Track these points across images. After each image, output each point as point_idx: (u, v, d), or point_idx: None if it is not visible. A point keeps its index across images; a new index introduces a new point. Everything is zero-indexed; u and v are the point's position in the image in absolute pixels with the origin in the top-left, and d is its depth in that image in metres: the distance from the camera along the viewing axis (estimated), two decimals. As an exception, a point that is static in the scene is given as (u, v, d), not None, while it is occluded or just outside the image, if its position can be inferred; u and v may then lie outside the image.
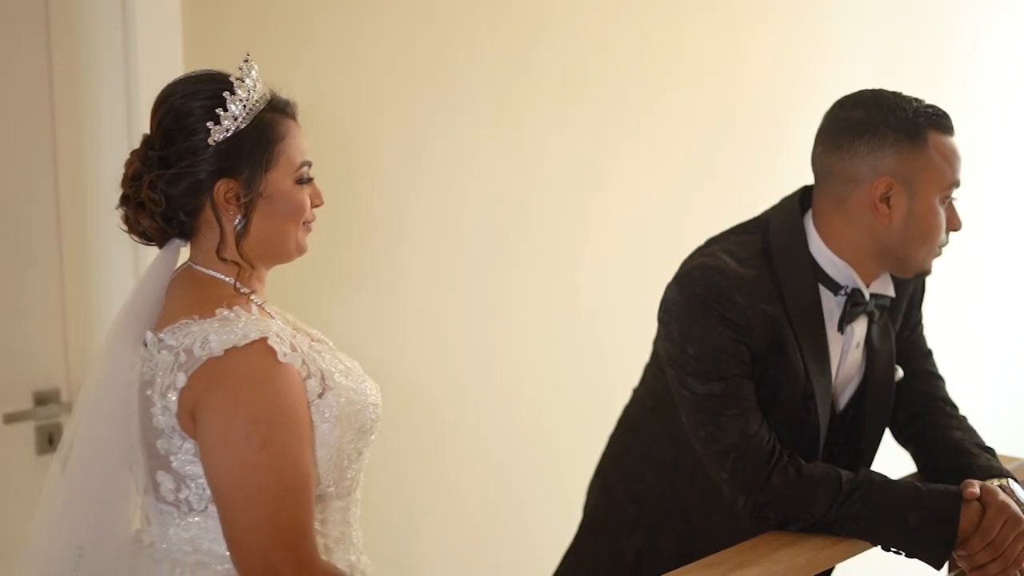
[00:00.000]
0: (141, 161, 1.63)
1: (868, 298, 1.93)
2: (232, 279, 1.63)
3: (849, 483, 1.81)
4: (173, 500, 1.61)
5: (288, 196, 1.64)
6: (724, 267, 1.85)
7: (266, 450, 1.52)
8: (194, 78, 1.65)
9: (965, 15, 4.19)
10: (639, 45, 3.14)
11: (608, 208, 3.12)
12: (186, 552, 1.62)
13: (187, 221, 1.62)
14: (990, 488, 1.83)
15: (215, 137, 1.59)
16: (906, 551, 1.81)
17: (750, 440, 1.82)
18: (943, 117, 1.88)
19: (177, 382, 1.54)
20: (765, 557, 1.74)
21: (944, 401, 2.10)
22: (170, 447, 1.58)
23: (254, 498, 1.51)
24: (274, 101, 1.66)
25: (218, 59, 2.33)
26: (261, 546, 1.51)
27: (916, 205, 1.87)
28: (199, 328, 1.56)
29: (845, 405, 2.02)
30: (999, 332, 4.70)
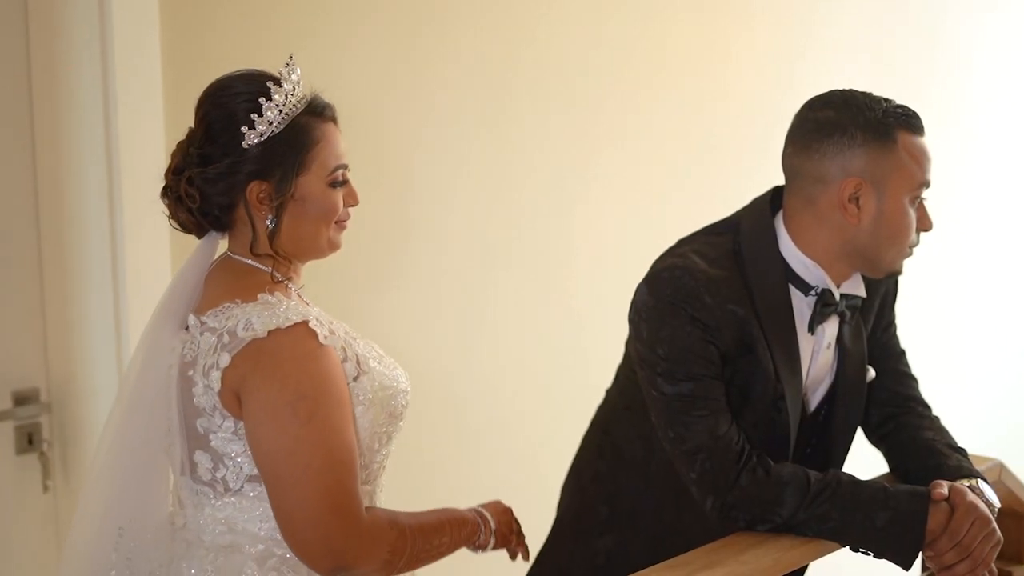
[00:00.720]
0: (183, 155, 1.69)
1: (838, 298, 1.92)
2: (269, 268, 1.68)
3: (817, 484, 1.81)
4: (210, 480, 1.66)
5: (319, 199, 1.68)
6: (693, 268, 1.85)
7: (312, 424, 1.57)
8: (237, 77, 1.69)
9: (953, 13, 4.19)
10: (625, 45, 3.14)
11: (594, 209, 3.12)
12: (220, 533, 1.66)
13: (222, 216, 1.68)
14: (959, 489, 1.83)
15: (249, 140, 1.64)
16: (874, 552, 1.81)
17: (719, 441, 1.82)
18: (913, 117, 1.88)
19: (220, 362, 1.59)
20: (732, 558, 1.74)
21: (917, 401, 2.10)
22: (210, 425, 1.63)
23: (303, 471, 1.57)
24: (313, 104, 1.70)
25: (196, 60, 2.36)
26: (313, 517, 1.57)
27: (885, 205, 1.86)
28: (241, 311, 1.61)
29: (816, 406, 2.01)
30: (999, 332, 4.70)
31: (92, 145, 2.31)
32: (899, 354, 2.13)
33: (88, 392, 2.38)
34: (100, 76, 2.29)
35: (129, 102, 2.29)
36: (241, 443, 1.63)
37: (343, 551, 1.59)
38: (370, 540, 1.61)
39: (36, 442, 2.36)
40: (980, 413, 4.60)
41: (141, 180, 2.30)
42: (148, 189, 2.29)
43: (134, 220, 2.31)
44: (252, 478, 1.64)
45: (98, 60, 2.28)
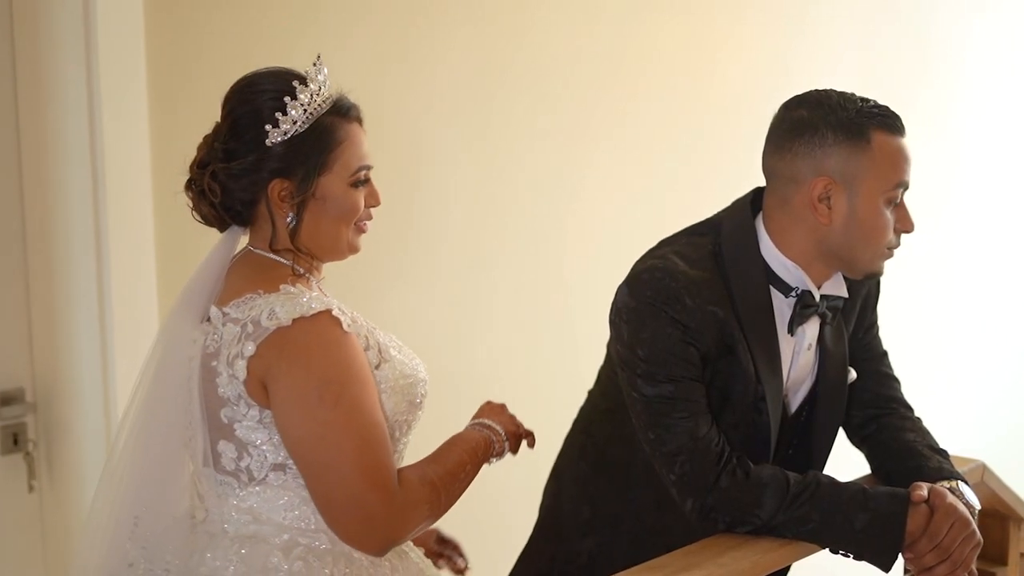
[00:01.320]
0: (208, 149, 1.70)
1: (819, 299, 1.92)
2: (290, 263, 1.69)
3: (797, 485, 1.81)
4: (233, 470, 1.67)
5: (340, 199, 1.70)
6: (674, 269, 1.85)
7: (339, 407, 1.59)
8: (264, 74, 1.70)
9: (944, 13, 4.18)
10: (616, 46, 3.14)
11: (586, 209, 3.12)
12: (245, 523, 1.67)
13: (244, 211, 1.70)
14: (938, 490, 1.83)
15: (273, 139, 1.65)
16: (854, 554, 1.81)
17: (698, 443, 1.82)
18: (890, 117, 1.86)
19: (245, 351, 1.61)
20: (710, 560, 1.74)
21: (899, 403, 2.09)
22: (234, 415, 1.64)
23: (335, 454, 1.59)
24: (338, 104, 1.70)
25: (182, 59, 2.36)
26: (351, 496, 1.60)
27: (857, 206, 1.85)
28: (264, 301, 1.63)
29: (798, 407, 2.01)
30: (991, 334, 4.70)
31: (77, 145, 2.31)
32: (881, 355, 2.12)
33: (73, 392, 2.38)
34: (84, 74, 2.28)
35: (113, 100, 2.29)
36: (266, 432, 1.64)
37: (387, 526, 1.62)
38: (411, 508, 1.64)
39: (21, 442, 2.36)
40: (977, 415, 4.61)
41: (126, 180, 2.31)
42: (133, 188, 2.31)
43: (118, 220, 2.30)
44: (276, 467, 1.66)
45: (83, 59, 2.28)
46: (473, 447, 1.79)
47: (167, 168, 2.34)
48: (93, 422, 2.35)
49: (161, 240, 2.36)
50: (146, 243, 2.35)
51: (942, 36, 4.19)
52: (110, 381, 2.33)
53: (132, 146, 2.31)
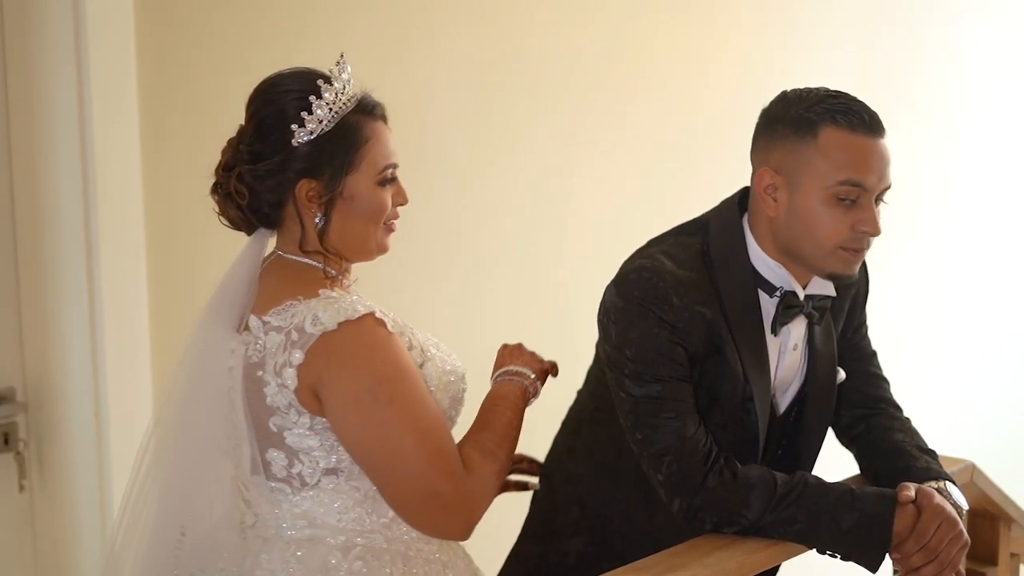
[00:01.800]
0: (233, 152, 1.69)
1: (803, 299, 1.91)
2: (321, 265, 1.69)
3: (784, 486, 1.81)
4: (285, 477, 1.67)
5: (368, 197, 1.69)
6: (661, 269, 1.85)
7: (394, 404, 1.60)
8: (288, 75, 1.70)
9: (939, 14, 4.18)
10: (614, 47, 3.15)
11: (584, 209, 3.13)
12: (300, 527, 1.68)
13: (271, 213, 1.69)
14: (926, 491, 1.82)
15: (299, 139, 1.65)
16: (841, 554, 1.81)
17: (686, 443, 1.82)
18: (850, 113, 1.81)
19: (293, 359, 1.60)
20: (696, 560, 1.74)
21: (887, 403, 2.09)
22: (284, 423, 1.64)
23: (398, 451, 1.60)
24: (363, 103, 1.70)
25: (172, 60, 2.36)
26: (422, 489, 1.61)
27: (796, 200, 1.83)
28: (306, 307, 1.62)
29: (787, 408, 2.01)
30: (988, 334, 4.70)
31: (67, 145, 2.31)
32: (870, 355, 2.12)
33: (64, 392, 2.38)
34: (75, 75, 2.28)
35: (104, 100, 2.28)
36: (317, 438, 1.64)
37: (464, 509, 1.63)
38: (481, 484, 1.65)
39: (12, 442, 2.36)
40: (976, 415, 4.61)
41: (116, 180, 2.31)
42: (123, 189, 2.31)
43: (109, 220, 2.30)
44: (328, 471, 1.66)
45: (72, 60, 2.28)
46: (514, 401, 1.80)
47: (158, 168, 2.36)
48: (84, 422, 2.35)
49: (152, 240, 2.36)
50: (137, 243, 2.35)
51: (936, 37, 4.19)
52: (101, 381, 2.33)
53: (123, 146, 2.31)
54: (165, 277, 2.39)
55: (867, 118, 1.82)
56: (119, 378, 2.34)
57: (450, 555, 1.78)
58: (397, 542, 1.70)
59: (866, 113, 1.82)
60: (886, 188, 1.85)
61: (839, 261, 1.85)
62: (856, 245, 1.84)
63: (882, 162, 1.82)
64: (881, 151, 1.82)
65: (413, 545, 1.72)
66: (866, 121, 1.81)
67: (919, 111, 4.15)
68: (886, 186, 1.84)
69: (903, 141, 4.09)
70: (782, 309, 1.89)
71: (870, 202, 1.83)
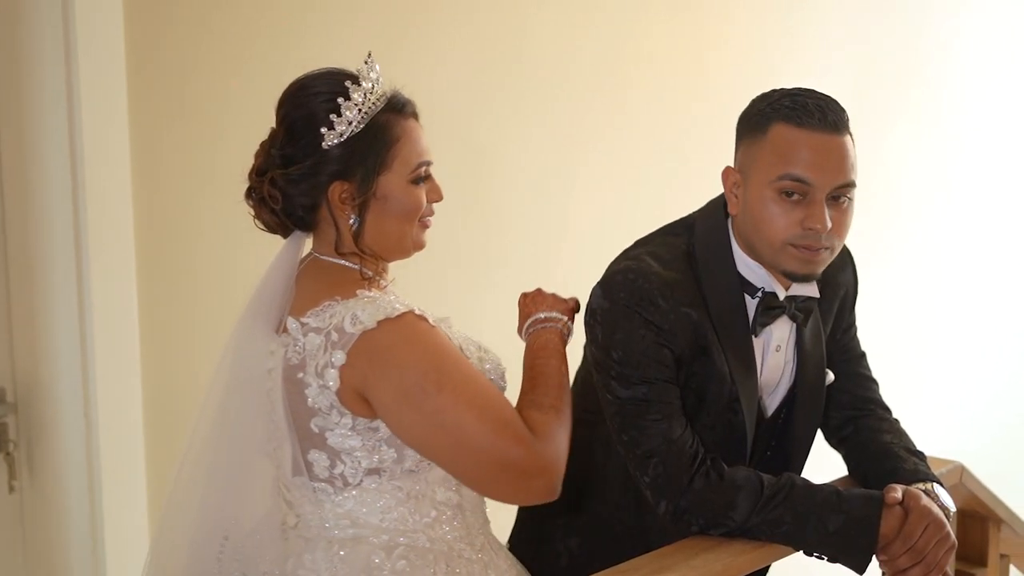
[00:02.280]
0: (265, 156, 1.69)
1: (782, 299, 1.90)
2: (358, 266, 1.68)
3: (771, 488, 1.80)
4: (327, 477, 1.66)
5: (402, 197, 1.69)
6: (647, 270, 1.85)
7: (444, 389, 1.59)
8: (316, 77, 1.69)
9: (935, 12, 4.17)
10: (611, 46, 3.15)
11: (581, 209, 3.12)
12: (343, 527, 1.67)
13: (306, 216, 1.69)
14: (913, 493, 1.82)
15: (329, 141, 1.64)
16: (828, 556, 1.81)
17: (672, 445, 1.82)
18: (800, 109, 1.80)
19: (335, 360, 1.60)
20: (683, 563, 1.74)
21: (876, 404, 2.09)
22: (326, 424, 1.63)
23: (460, 433, 1.59)
24: (393, 101, 1.70)
25: (161, 58, 2.35)
26: (495, 462, 1.60)
27: (748, 196, 1.84)
28: (344, 307, 1.62)
29: (775, 409, 2.01)
30: (991, 332, 4.69)
31: (56, 146, 2.30)
32: (859, 356, 2.12)
33: (54, 392, 2.37)
34: (64, 75, 2.28)
35: (93, 100, 2.28)
36: (359, 439, 1.64)
37: (542, 469, 1.62)
38: (551, 441, 1.64)
39: (2, 442, 2.36)
40: (972, 415, 4.61)
41: (105, 181, 2.31)
42: (113, 189, 2.31)
43: (98, 221, 2.30)
44: (371, 471, 1.66)
45: (62, 60, 2.27)
46: (555, 348, 1.79)
47: (147, 168, 2.36)
48: (74, 422, 2.35)
49: (141, 241, 2.36)
50: (126, 244, 2.34)
51: (932, 35, 4.18)
52: (90, 381, 2.32)
53: (112, 146, 2.31)
54: (155, 278, 2.39)
55: (820, 115, 1.80)
56: (109, 379, 2.34)
57: (491, 555, 1.78)
58: (440, 542, 1.70)
59: (821, 110, 1.80)
60: (843, 185, 1.81)
61: (790, 259, 1.83)
62: (805, 242, 1.82)
63: (831, 158, 1.80)
64: (831, 147, 1.80)
65: (455, 545, 1.73)
66: (817, 117, 1.80)
67: (915, 110, 4.14)
68: (841, 183, 1.81)
69: (899, 141, 4.10)
70: (762, 310, 1.89)
71: (820, 199, 1.80)
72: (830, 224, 1.80)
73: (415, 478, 1.68)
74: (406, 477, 1.67)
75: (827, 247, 1.83)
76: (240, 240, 2.50)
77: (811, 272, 1.85)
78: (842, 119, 1.82)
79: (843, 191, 1.82)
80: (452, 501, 1.73)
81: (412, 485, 1.68)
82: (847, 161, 1.81)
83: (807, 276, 1.86)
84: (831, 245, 1.83)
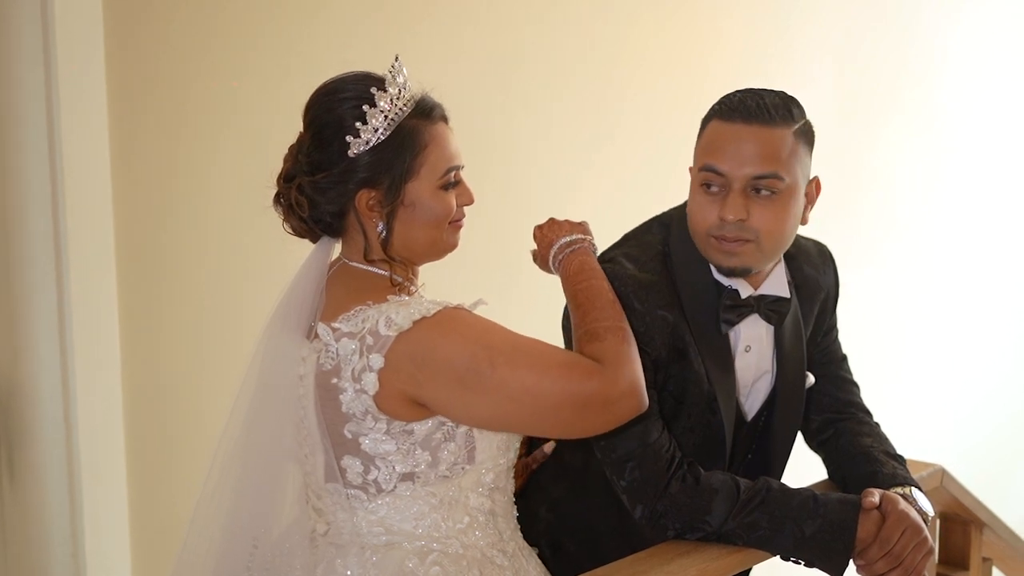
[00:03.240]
0: (293, 162, 1.68)
1: (745, 298, 1.87)
2: (387, 272, 1.67)
3: (747, 492, 1.79)
4: (361, 484, 1.65)
5: (430, 204, 1.67)
6: (623, 273, 1.83)
7: (496, 364, 1.57)
8: (342, 81, 1.67)
9: (928, 13, 4.16)
10: (612, 48, 3.14)
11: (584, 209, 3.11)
12: (376, 534, 1.66)
13: (334, 223, 1.67)
14: (891, 497, 1.81)
15: (355, 149, 1.63)
16: (805, 560, 1.80)
17: (648, 448, 1.80)
18: (730, 103, 1.81)
19: (373, 363, 1.58)
20: (657, 568, 1.73)
21: (857, 407, 2.07)
22: (360, 429, 1.62)
23: (531, 399, 1.57)
24: (421, 106, 1.68)
25: (141, 63, 2.34)
26: (574, 403, 1.58)
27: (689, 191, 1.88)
28: (376, 311, 1.60)
29: (756, 412, 1.99)
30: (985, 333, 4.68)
31: (35, 146, 2.29)
32: (840, 360, 2.10)
33: (33, 395, 2.36)
34: (43, 75, 2.26)
35: (72, 100, 2.27)
36: (394, 442, 1.62)
37: (623, 391, 1.60)
38: (619, 362, 1.62)
39: (-18, 445, 2.36)
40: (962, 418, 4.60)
41: (85, 181, 2.29)
42: (93, 190, 2.30)
43: (78, 222, 2.28)
44: (405, 477, 1.64)
45: (40, 60, 2.26)
46: (591, 268, 1.77)
47: (127, 169, 2.34)
48: (53, 425, 2.33)
49: (121, 243, 2.35)
50: (106, 246, 2.33)
51: (925, 35, 4.16)
52: (70, 384, 2.31)
53: (92, 146, 2.29)
54: (135, 278, 2.38)
55: (743, 108, 1.80)
56: (88, 382, 2.32)
57: (522, 562, 1.77)
58: (472, 548, 1.69)
59: (747, 105, 1.80)
60: (760, 176, 1.78)
61: (713, 251, 1.84)
62: (721, 233, 1.81)
63: (746, 148, 1.79)
64: (747, 137, 1.79)
65: (488, 552, 1.72)
66: (740, 111, 1.80)
67: (906, 110, 4.13)
68: (757, 174, 1.78)
69: (891, 142, 4.08)
70: (724, 308, 1.86)
71: (736, 189, 1.80)
72: (742, 214, 1.79)
73: (448, 484, 1.67)
74: (439, 483, 1.66)
75: (747, 239, 1.81)
76: (222, 240, 2.50)
77: (734, 265, 1.83)
78: (771, 112, 1.79)
79: (763, 183, 1.79)
80: (484, 507, 1.72)
81: (445, 491, 1.67)
82: (764, 152, 1.78)
83: (732, 270, 1.85)
84: (754, 239, 1.81)
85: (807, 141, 1.84)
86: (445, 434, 1.65)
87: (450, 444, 1.65)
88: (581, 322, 1.69)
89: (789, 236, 1.86)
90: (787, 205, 1.81)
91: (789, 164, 1.79)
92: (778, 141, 1.78)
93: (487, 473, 1.71)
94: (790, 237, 1.87)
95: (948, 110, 4.28)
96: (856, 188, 3.93)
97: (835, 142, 3.70)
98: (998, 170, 4.58)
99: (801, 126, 1.82)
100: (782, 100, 1.82)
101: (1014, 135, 4.62)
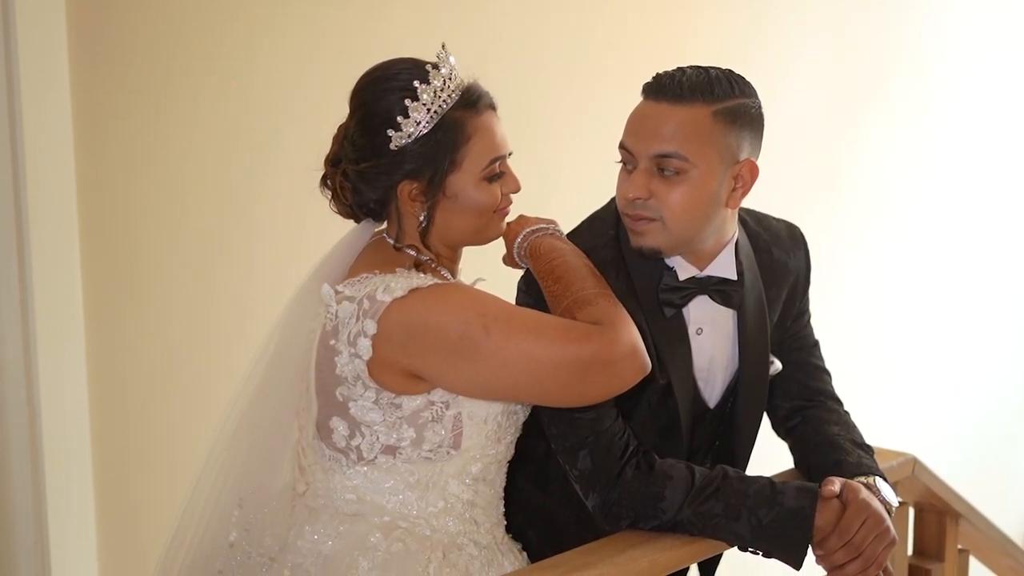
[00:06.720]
0: (340, 146, 1.69)
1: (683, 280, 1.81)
2: (414, 253, 1.69)
3: (702, 479, 1.74)
4: (344, 447, 1.67)
5: (473, 195, 1.68)
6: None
7: (491, 331, 1.57)
8: (390, 67, 1.67)
9: (916, 5, 4.11)
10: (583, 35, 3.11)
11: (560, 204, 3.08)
12: (348, 501, 1.68)
13: (377, 208, 1.69)
14: (852, 486, 1.76)
15: (397, 143, 1.63)
16: (762, 551, 1.75)
17: (600, 436, 1.76)
18: (651, 82, 1.77)
19: (367, 329, 1.59)
20: (607, 559, 1.69)
21: (826, 395, 2.02)
22: (350, 394, 1.63)
23: (528, 363, 1.58)
24: (466, 96, 1.67)
25: (104, 46, 2.31)
26: (576, 366, 1.58)
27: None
28: (379, 279, 1.62)
29: (720, 400, 1.94)
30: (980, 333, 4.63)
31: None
32: (811, 346, 2.04)
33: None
34: (3, 60, 2.24)
35: (34, 85, 2.25)
36: (381, 413, 1.63)
37: (623, 351, 1.60)
38: (613, 323, 1.61)
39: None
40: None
41: (48, 166, 2.27)
42: (56, 175, 2.27)
43: (41, 208, 2.27)
44: (387, 449, 1.65)
45: (1, 45, 2.24)
46: (562, 246, 1.75)
47: (91, 154, 2.32)
48: (16, 410, 2.32)
49: (85, 228, 2.33)
50: (70, 231, 2.31)
51: (913, 27, 4.11)
52: (33, 369, 2.30)
53: (54, 131, 2.27)
54: (99, 265, 2.36)
55: (659, 85, 1.75)
56: (52, 366, 2.31)
57: (496, 555, 1.78)
58: (441, 532, 1.69)
59: (661, 82, 1.75)
60: (661, 155, 1.72)
61: (628, 230, 1.79)
62: (627, 211, 1.77)
63: (648, 125, 1.74)
64: (651, 114, 1.75)
65: (457, 539, 1.72)
66: (654, 87, 1.76)
67: (893, 102, 4.07)
68: (657, 152, 1.72)
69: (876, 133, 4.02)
70: (664, 289, 1.80)
71: (641, 167, 1.75)
72: (642, 193, 1.73)
73: (429, 466, 1.67)
74: (421, 463, 1.66)
75: (651, 218, 1.75)
76: (186, 228, 2.47)
77: (641, 244, 1.78)
78: (683, 90, 1.73)
79: (664, 162, 1.73)
80: (464, 496, 1.72)
81: (425, 472, 1.67)
82: (669, 131, 1.72)
83: (641, 249, 1.78)
84: (658, 218, 1.75)
85: (736, 122, 1.74)
86: (433, 414, 1.65)
87: (436, 425, 1.65)
88: (565, 293, 1.67)
89: (702, 219, 1.76)
90: (696, 186, 1.73)
91: (699, 144, 1.72)
92: (687, 120, 1.72)
93: (474, 463, 1.71)
94: (704, 220, 1.76)
95: (933, 101, 4.22)
96: (837, 178, 3.88)
97: (822, 132, 3.64)
98: (984, 160, 4.52)
99: (730, 106, 1.74)
100: (708, 78, 1.75)
101: (1003, 125, 4.55)
